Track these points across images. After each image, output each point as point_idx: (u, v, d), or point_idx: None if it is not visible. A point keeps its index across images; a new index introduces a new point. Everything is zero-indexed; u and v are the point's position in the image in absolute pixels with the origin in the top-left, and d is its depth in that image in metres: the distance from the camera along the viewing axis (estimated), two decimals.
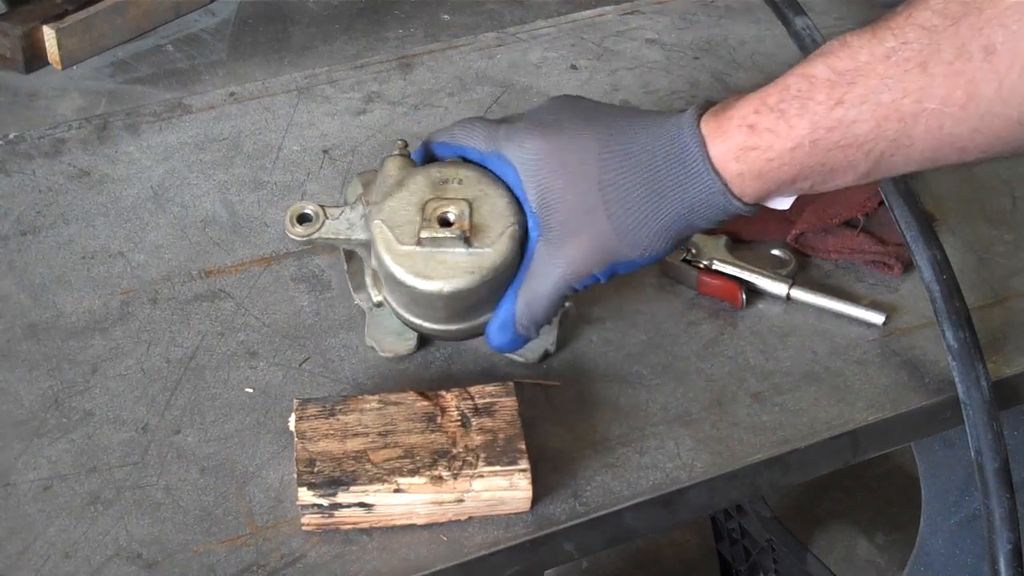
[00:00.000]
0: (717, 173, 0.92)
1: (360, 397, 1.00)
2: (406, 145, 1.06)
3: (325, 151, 1.35)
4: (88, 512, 0.97)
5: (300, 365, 1.10)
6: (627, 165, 0.95)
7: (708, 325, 1.15)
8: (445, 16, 3.57)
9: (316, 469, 0.94)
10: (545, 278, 0.98)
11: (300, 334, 1.13)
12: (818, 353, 1.13)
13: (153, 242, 1.23)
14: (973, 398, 1.03)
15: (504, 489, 0.95)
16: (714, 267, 1.18)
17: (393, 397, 1.00)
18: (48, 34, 3.20)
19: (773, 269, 1.18)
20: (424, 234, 0.98)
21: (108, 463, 1.01)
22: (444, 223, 0.99)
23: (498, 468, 0.95)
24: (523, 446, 0.97)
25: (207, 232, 1.24)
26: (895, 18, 0.85)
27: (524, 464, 0.96)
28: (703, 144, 0.92)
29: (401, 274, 0.99)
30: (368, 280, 1.07)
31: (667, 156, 0.94)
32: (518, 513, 0.97)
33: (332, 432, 0.97)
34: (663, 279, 1.19)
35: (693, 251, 1.19)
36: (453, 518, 0.96)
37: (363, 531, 0.96)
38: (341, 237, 1.04)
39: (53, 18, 3.22)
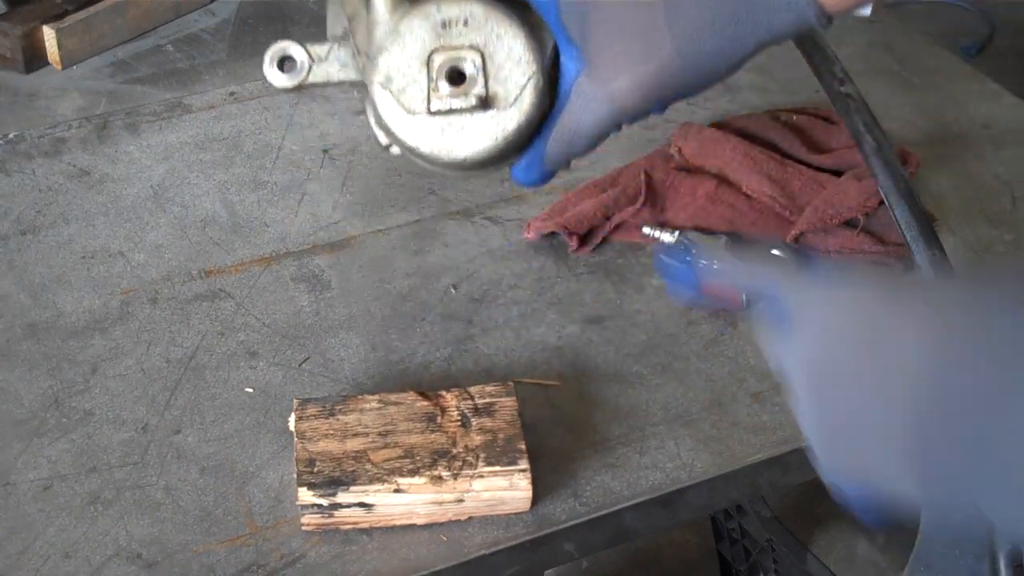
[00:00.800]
0: None
1: (360, 397, 1.00)
2: None
3: (325, 151, 1.35)
4: (88, 512, 0.97)
5: (300, 365, 1.10)
6: None
7: (708, 325, 1.15)
8: None
9: (316, 469, 0.94)
10: (589, 116, 0.83)
11: (300, 334, 1.13)
12: None
13: (153, 242, 1.23)
14: None
15: (504, 489, 0.95)
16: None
17: (393, 397, 1.00)
18: (48, 34, 3.20)
19: None
20: (436, 105, 0.84)
21: (108, 463, 1.01)
22: (454, 79, 0.84)
23: (498, 468, 0.95)
24: (523, 446, 0.97)
25: (207, 232, 1.24)
26: None
27: (524, 464, 0.96)
28: None
29: (416, 146, 0.86)
30: (372, 120, 0.92)
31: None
32: (518, 513, 0.97)
33: (332, 432, 0.97)
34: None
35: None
36: (453, 518, 0.96)
37: (363, 531, 0.96)
38: (333, 80, 0.89)
39: (53, 18, 3.21)
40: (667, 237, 1.20)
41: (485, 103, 0.84)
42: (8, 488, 0.99)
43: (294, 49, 0.88)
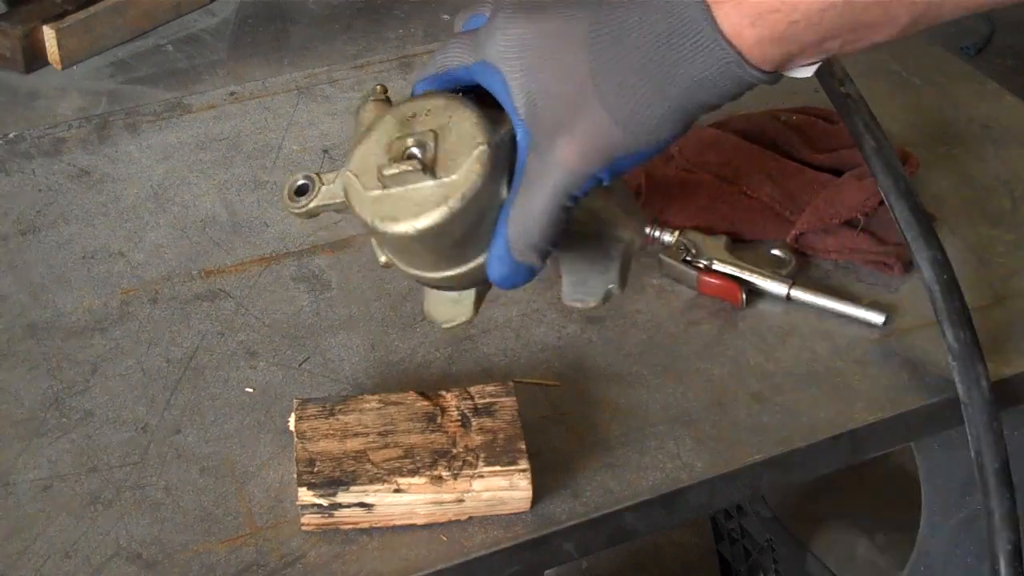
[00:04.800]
0: (729, 42, 0.81)
1: (360, 397, 1.00)
2: (385, 90, 0.96)
3: (325, 151, 1.35)
4: (88, 512, 0.97)
5: (300, 365, 1.10)
6: (622, 45, 0.84)
7: (708, 325, 1.15)
8: (445, 16, 3.57)
9: (316, 469, 0.94)
10: (538, 190, 0.86)
11: (300, 334, 1.13)
12: (818, 353, 1.12)
13: (153, 242, 1.23)
14: (973, 398, 1.03)
15: (504, 489, 0.95)
16: (714, 267, 1.18)
17: (393, 397, 1.00)
18: (48, 34, 3.20)
19: (773, 269, 1.18)
20: (385, 172, 0.88)
21: (108, 463, 1.01)
22: (408, 157, 0.89)
23: (498, 468, 0.95)
24: (523, 446, 0.97)
25: (207, 232, 1.24)
26: None
27: (524, 464, 0.96)
28: (708, 10, 0.80)
29: (371, 220, 0.89)
30: (373, 241, 0.97)
31: (668, 31, 0.82)
32: (518, 513, 0.97)
33: (332, 432, 0.97)
34: (663, 279, 1.19)
35: (693, 251, 1.19)
36: (453, 518, 0.96)
37: (363, 531, 0.96)
38: (338, 200, 0.94)
39: (53, 18, 3.22)
40: (667, 237, 1.20)
41: (431, 171, 0.87)
42: (8, 488, 0.99)
43: (304, 177, 0.95)
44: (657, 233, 1.21)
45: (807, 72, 0.84)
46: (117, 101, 3.15)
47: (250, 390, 1.07)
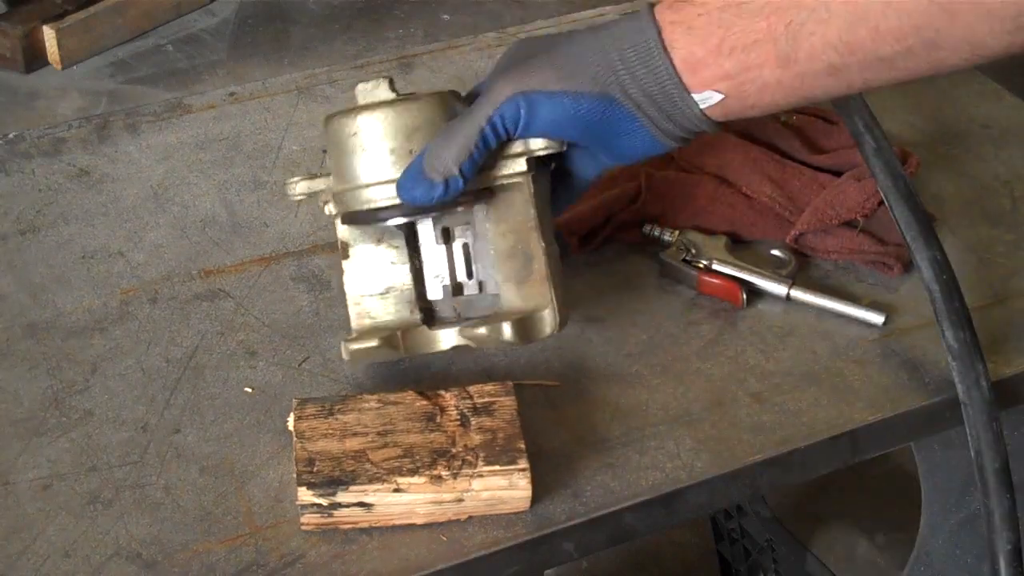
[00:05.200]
0: (655, 22, 0.93)
1: (359, 396, 1.00)
2: (392, 82, 1.03)
3: (325, 151, 1.35)
4: (88, 511, 0.97)
5: (299, 365, 1.10)
6: (580, 43, 0.96)
7: (708, 325, 1.15)
8: (445, 16, 3.57)
9: (315, 468, 0.94)
10: (465, 117, 0.97)
11: (300, 334, 1.13)
12: (818, 353, 1.12)
13: (153, 242, 1.23)
14: (973, 398, 1.03)
15: (503, 489, 0.95)
16: (714, 267, 1.18)
17: (392, 397, 1.00)
18: (48, 34, 3.20)
19: (773, 269, 1.18)
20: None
21: (108, 462, 1.01)
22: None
23: (497, 467, 0.95)
24: (522, 445, 0.97)
25: (207, 232, 1.24)
26: None
27: (523, 464, 0.96)
28: (658, 33, 0.93)
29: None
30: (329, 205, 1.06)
31: (623, 45, 0.94)
32: (518, 513, 0.97)
33: (331, 432, 0.97)
34: (663, 279, 1.19)
35: (693, 251, 1.19)
36: (453, 518, 0.96)
37: (363, 531, 0.96)
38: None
39: (53, 18, 3.22)
40: (667, 237, 1.20)
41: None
42: (8, 488, 0.99)
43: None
44: (657, 233, 1.21)
45: (713, 99, 0.93)
46: (117, 101, 3.15)
47: (249, 390, 1.07)
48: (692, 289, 1.18)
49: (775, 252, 1.21)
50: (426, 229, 1.06)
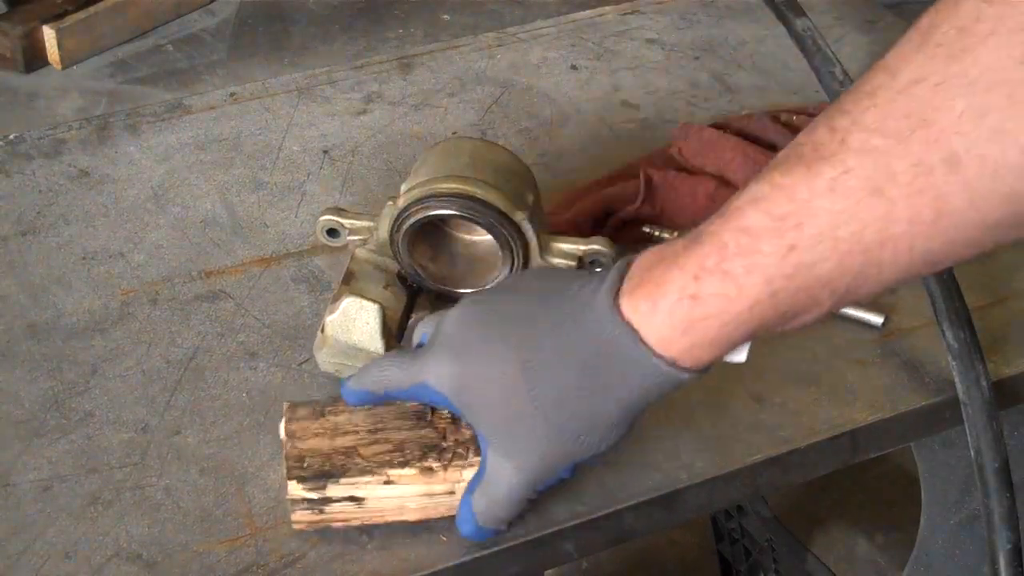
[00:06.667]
0: (659, 356, 0.83)
1: None
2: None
3: (325, 151, 1.35)
4: (88, 512, 0.97)
5: (299, 366, 1.10)
6: (556, 372, 0.87)
7: None
8: (445, 16, 3.57)
9: (305, 464, 0.94)
10: (501, 483, 0.91)
11: (300, 335, 1.13)
12: (818, 353, 1.12)
13: (153, 242, 1.23)
14: (973, 398, 1.03)
15: None
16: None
17: None
18: (48, 34, 3.20)
19: None
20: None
21: (108, 464, 1.01)
22: None
23: None
24: None
25: (207, 233, 1.24)
26: (822, 147, 0.76)
27: None
28: (633, 332, 0.82)
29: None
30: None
31: (597, 353, 0.85)
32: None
33: (322, 431, 0.97)
34: None
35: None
36: (447, 512, 0.96)
37: (362, 530, 0.96)
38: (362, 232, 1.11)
39: (53, 18, 3.22)
40: (667, 236, 1.20)
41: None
42: (8, 489, 0.99)
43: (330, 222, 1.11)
44: (657, 233, 1.21)
45: (742, 356, 0.88)
46: (117, 101, 3.15)
47: (250, 391, 1.07)
48: None
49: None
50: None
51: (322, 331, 1.04)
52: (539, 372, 0.87)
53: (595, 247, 1.08)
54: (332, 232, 1.10)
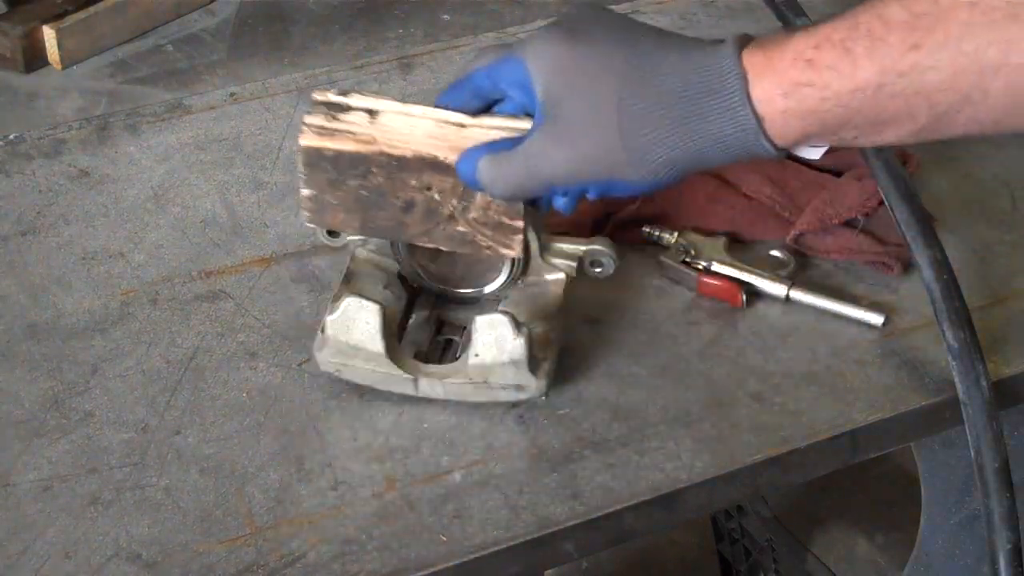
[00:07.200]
0: (754, 111, 0.84)
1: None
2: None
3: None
4: (88, 512, 0.97)
5: (300, 366, 1.10)
6: (651, 87, 0.88)
7: (708, 325, 1.15)
8: (445, 16, 3.57)
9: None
10: (531, 167, 0.92)
11: (300, 335, 1.13)
12: (818, 353, 1.13)
13: (153, 242, 1.23)
14: (973, 398, 1.03)
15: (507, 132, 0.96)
16: (713, 268, 1.18)
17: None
18: (48, 34, 3.20)
19: (772, 270, 1.18)
20: None
21: (108, 464, 1.01)
22: None
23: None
24: None
25: (207, 233, 1.24)
26: None
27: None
28: (744, 77, 0.84)
29: None
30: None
31: (699, 85, 0.86)
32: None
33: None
34: (663, 280, 1.19)
35: (692, 252, 1.19)
36: (450, 155, 0.97)
37: (362, 531, 0.96)
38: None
39: (53, 18, 3.22)
40: (667, 237, 1.20)
41: None
42: (8, 489, 0.99)
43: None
44: (657, 234, 1.21)
45: (816, 154, 0.89)
46: (117, 101, 3.15)
47: (250, 391, 1.07)
48: (692, 290, 1.18)
49: (774, 253, 1.21)
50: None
51: (322, 331, 1.04)
52: (636, 83, 0.89)
53: (595, 247, 1.08)
54: (332, 232, 1.10)
